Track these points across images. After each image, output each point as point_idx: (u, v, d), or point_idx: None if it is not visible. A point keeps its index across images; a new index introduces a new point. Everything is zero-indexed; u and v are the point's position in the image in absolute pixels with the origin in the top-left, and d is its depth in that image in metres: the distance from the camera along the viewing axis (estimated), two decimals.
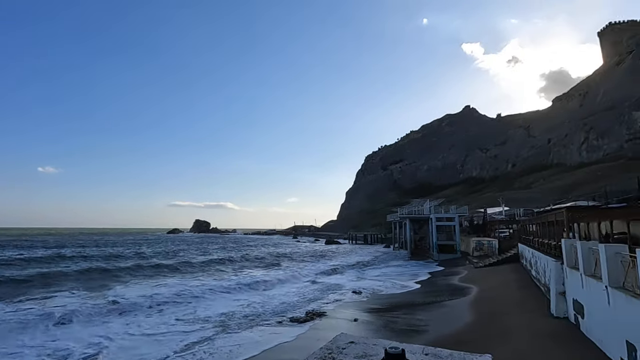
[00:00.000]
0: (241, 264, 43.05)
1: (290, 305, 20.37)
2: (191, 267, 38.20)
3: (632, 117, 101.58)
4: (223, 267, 39.40)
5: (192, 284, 26.43)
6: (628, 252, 8.21)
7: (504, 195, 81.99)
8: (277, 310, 18.99)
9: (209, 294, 23.03)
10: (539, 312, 14.08)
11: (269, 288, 26.14)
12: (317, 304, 20.40)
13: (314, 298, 22.67)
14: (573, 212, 16.64)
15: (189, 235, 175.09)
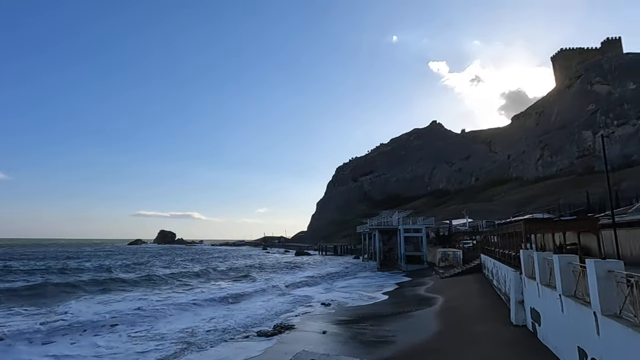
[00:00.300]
0: (206, 277, 41.66)
1: (258, 318, 19.85)
2: (152, 281, 36.31)
3: (582, 136, 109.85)
4: (187, 280, 37.87)
5: (152, 298, 25.17)
6: (579, 263, 8.74)
7: (468, 207, 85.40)
8: (243, 324, 18.43)
9: (172, 308, 21.93)
10: (500, 321, 14.59)
11: (236, 301, 25.38)
12: (285, 317, 20.03)
13: (283, 310, 22.25)
14: (530, 224, 17.55)
15: (152, 247, 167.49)
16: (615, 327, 6.09)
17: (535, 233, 19.81)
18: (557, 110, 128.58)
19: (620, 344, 5.98)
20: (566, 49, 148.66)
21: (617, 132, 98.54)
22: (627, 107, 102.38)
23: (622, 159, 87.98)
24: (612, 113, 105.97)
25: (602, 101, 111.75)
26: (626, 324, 5.85)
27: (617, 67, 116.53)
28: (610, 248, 21.47)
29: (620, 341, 5.94)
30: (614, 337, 6.21)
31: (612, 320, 6.24)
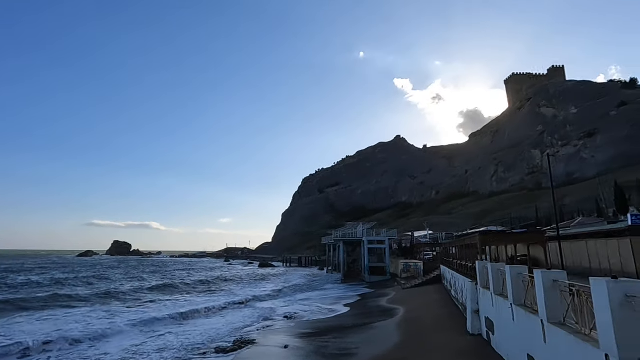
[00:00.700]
0: (161, 291, 39.47)
1: (217, 333, 19.06)
2: (100, 296, 33.75)
3: (531, 154, 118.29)
4: (140, 295, 35.66)
5: (95, 315, 23.30)
6: (528, 273, 9.25)
7: (429, 220, 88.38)
8: (201, 340, 17.60)
9: (120, 326, 20.44)
10: (458, 330, 15.05)
11: (193, 316, 24.21)
12: (246, 331, 19.42)
13: (243, 325, 21.56)
14: (485, 237, 18.42)
15: (104, 259, 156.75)
16: (560, 334, 6.47)
17: (489, 245, 20.82)
18: (510, 130, 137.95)
19: (564, 350, 6.35)
20: (517, 74, 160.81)
21: (561, 152, 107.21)
22: (570, 129, 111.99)
23: (565, 177, 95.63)
24: (557, 134, 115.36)
25: (548, 123, 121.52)
26: (569, 330, 6.23)
27: (561, 93, 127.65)
28: (556, 259, 23.05)
29: (564, 347, 6.31)
30: (558, 343, 6.59)
31: (557, 327, 6.62)
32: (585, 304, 5.71)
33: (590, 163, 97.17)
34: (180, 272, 71.54)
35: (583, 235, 25.60)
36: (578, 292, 6.03)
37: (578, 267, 24.11)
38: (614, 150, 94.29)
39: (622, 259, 21.01)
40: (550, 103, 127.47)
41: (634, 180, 51.53)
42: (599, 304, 4.96)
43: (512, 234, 21.99)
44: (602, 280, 4.86)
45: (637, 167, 74.11)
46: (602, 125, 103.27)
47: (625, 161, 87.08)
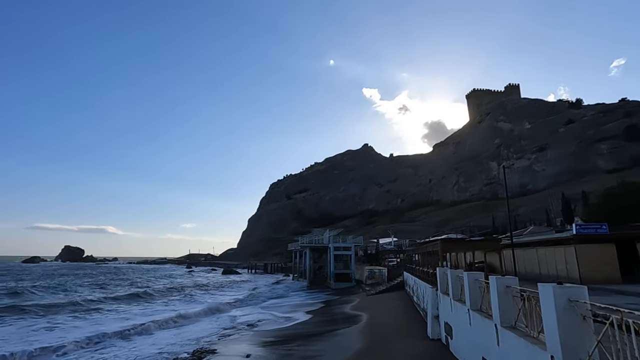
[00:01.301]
0: (113, 302, 36.83)
1: (175, 344, 18.22)
2: (38, 307, 30.30)
3: (489, 166, 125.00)
4: (90, 306, 32.84)
5: (32, 329, 21.47)
6: (484, 279, 9.67)
7: (394, 227, 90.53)
8: (156, 351, 16.73)
9: (64, 342, 18.97)
10: (419, 336, 15.41)
11: (145, 328, 22.87)
12: (206, 341, 18.73)
13: (204, 334, 20.78)
14: (446, 244, 19.11)
15: (53, 265, 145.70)
16: (511, 337, 6.79)
17: (450, 252, 21.63)
18: (470, 142, 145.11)
19: (515, 353, 6.67)
20: (478, 89, 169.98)
21: (516, 164, 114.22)
22: (524, 143, 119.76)
23: (519, 188, 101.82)
24: (512, 147, 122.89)
25: (505, 137, 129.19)
26: (519, 333, 6.56)
27: (517, 109, 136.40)
28: (510, 265, 24.37)
29: (515, 350, 6.64)
30: (510, 346, 6.91)
31: (509, 331, 6.96)
32: (534, 308, 6.04)
33: (542, 176, 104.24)
34: (137, 279, 68.00)
35: (534, 243, 27.30)
36: (528, 297, 6.37)
37: (530, 273, 25.62)
38: (562, 165, 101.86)
39: (568, 265, 22.58)
40: (507, 118, 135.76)
41: (579, 193, 55.79)
42: (545, 308, 5.26)
43: (471, 242, 22.99)
44: (549, 286, 5.16)
45: (581, 181, 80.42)
46: (552, 140, 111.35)
47: (571, 175, 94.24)
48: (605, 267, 21.12)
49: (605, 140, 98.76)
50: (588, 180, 78.81)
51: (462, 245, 22.00)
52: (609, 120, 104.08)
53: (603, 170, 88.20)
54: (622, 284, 19.87)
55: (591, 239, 22.10)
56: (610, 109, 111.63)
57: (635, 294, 15.76)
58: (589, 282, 17.51)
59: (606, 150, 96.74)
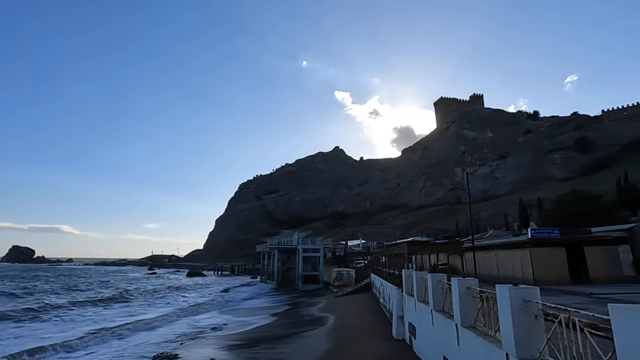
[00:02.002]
0: (68, 306, 34.64)
1: (135, 349, 17.40)
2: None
3: (454, 171, 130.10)
4: (34, 313, 29.98)
5: None
6: (446, 281, 10.03)
7: (363, 230, 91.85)
8: (110, 357, 15.90)
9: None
10: (384, 337, 15.70)
11: (101, 333, 21.74)
12: (169, 345, 18.04)
13: (166, 338, 20.02)
14: (412, 246, 19.65)
15: (1, 267, 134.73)
16: (470, 336, 7.09)
17: (415, 254, 22.26)
18: (437, 148, 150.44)
19: (473, 351, 6.96)
20: (445, 98, 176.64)
21: (479, 171, 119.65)
22: (486, 151, 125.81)
23: (481, 193, 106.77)
24: (476, 154, 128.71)
25: (469, 144, 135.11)
26: (478, 333, 6.86)
27: (480, 118, 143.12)
28: (471, 267, 25.46)
29: (474, 348, 6.93)
30: (469, 345, 7.21)
31: (468, 330, 7.25)
32: (492, 308, 6.35)
33: (502, 182, 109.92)
34: (94, 282, 64.38)
35: (493, 247, 28.68)
36: (487, 298, 6.68)
37: (489, 274, 26.87)
38: (520, 172, 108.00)
39: (523, 267, 23.91)
40: (472, 127, 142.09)
41: (534, 199, 59.37)
42: (502, 308, 5.53)
43: (435, 244, 23.78)
44: (505, 287, 5.44)
45: (536, 188, 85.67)
46: (511, 149, 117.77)
47: (528, 182, 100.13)
48: (556, 269, 22.57)
49: (559, 151, 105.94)
50: (543, 187, 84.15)
51: (427, 248, 22.72)
52: (562, 132, 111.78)
53: (556, 178, 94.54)
54: (571, 284, 21.33)
55: (544, 243, 23.55)
56: (563, 122, 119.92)
57: (581, 294, 16.96)
58: (542, 284, 18.65)
59: (559, 160, 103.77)
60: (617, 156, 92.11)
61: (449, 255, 21.55)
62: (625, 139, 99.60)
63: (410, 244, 20.54)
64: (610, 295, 15.17)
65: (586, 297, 16.08)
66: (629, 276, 22.59)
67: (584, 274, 23.02)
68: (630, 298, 14.46)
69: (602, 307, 4.95)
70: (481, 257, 28.48)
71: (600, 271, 22.79)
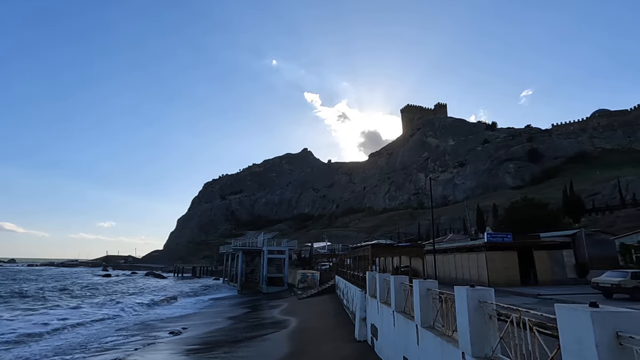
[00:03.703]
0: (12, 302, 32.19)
1: (78, 354, 16.29)
2: None
3: (418, 177, 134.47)
4: None
5: None
6: (408, 282, 10.31)
7: (328, 232, 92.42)
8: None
9: None
10: (346, 338, 15.84)
11: (47, 335, 20.26)
12: (123, 350, 17.08)
13: (120, 342, 18.95)
14: (376, 249, 20.05)
15: None
16: (429, 336, 7.32)
17: (379, 256, 22.71)
18: (402, 154, 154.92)
19: (432, 351, 7.20)
20: (411, 105, 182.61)
21: (440, 177, 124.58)
22: (448, 158, 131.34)
23: (442, 199, 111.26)
24: (438, 161, 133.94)
25: (432, 151, 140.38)
26: (437, 333, 7.10)
27: (443, 126, 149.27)
28: (431, 270, 26.39)
29: (432, 348, 7.16)
30: (428, 345, 7.44)
31: (427, 330, 7.49)
32: (450, 309, 6.60)
33: (461, 188, 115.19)
34: (39, 283, 59.64)
35: (452, 250, 29.94)
36: (445, 299, 6.93)
37: (448, 276, 28.00)
38: (477, 179, 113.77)
39: (479, 270, 25.16)
40: (435, 134, 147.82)
41: (490, 205, 62.71)
42: (460, 309, 5.76)
43: (398, 247, 24.44)
44: (463, 288, 5.67)
45: (492, 195, 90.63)
46: (470, 157, 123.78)
47: (484, 189, 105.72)
48: (509, 272, 23.99)
49: (512, 160, 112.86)
50: (497, 194, 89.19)
51: (390, 251, 23.27)
52: (516, 143, 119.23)
53: (509, 186, 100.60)
54: (521, 286, 22.74)
55: (498, 247, 24.95)
56: (517, 133, 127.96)
57: (530, 295, 18.12)
58: (495, 285, 19.72)
59: (512, 169, 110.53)
60: (563, 167, 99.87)
61: (411, 257, 22.21)
62: (570, 151, 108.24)
63: (375, 246, 20.95)
64: (556, 296, 16.35)
65: (534, 297, 17.20)
66: (571, 278, 24.49)
67: (533, 276, 24.63)
68: (573, 299, 15.66)
69: (548, 307, 5.29)
70: (441, 259, 29.62)
71: (547, 274, 24.50)
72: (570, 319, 3.38)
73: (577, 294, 17.51)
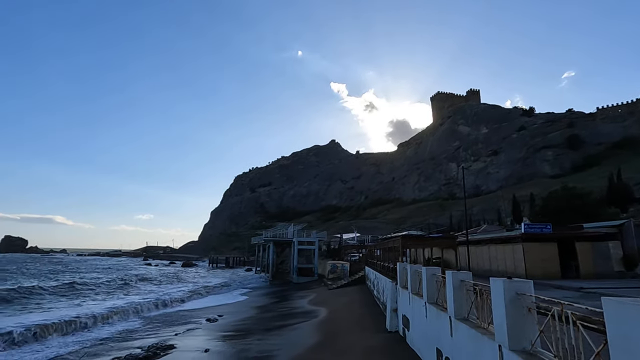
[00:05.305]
0: (63, 292, 34.73)
1: (130, 338, 17.42)
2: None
3: (448, 166, 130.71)
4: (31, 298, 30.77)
5: None
6: (441, 274, 10.15)
7: (355, 224, 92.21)
8: (107, 347, 15.91)
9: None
10: (377, 328, 15.89)
11: (99, 320, 21.76)
12: (164, 335, 18.08)
13: (161, 329, 20.07)
14: (406, 240, 19.81)
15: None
16: (464, 328, 7.20)
17: (409, 248, 22.45)
18: (431, 143, 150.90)
19: (466, 343, 7.08)
20: (441, 93, 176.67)
21: (472, 166, 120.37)
22: (480, 147, 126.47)
23: (474, 189, 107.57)
24: (470, 150, 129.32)
25: (463, 139, 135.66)
26: (471, 325, 6.96)
27: (476, 114, 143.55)
28: (464, 261, 25.75)
29: (467, 340, 7.04)
30: (462, 337, 7.32)
31: (462, 322, 7.36)
32: (485, 301, 6.44)
33: (494, 178, 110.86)
34: (89, 272, 64.02)
35: (486, 241, 29.02)
36: (480, 291, 6.78)
37: (481, 268, 27.22)
38: (512, 168, 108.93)
39: (515, 262, 24.25)
40: (467, 122, 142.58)
41: (526, 195, 59.95)
42: (496, 301, 5.62)
43: (429, 239, 24.01)
44: (500, 280, 5.51)
45: (528, 184, 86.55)
46: (505, 145, 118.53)
47: (518, 178, 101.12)
48: (548, 264, 22.95)
49: (550, 148, 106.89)
50: (533, 183, 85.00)
51: (421, 242, 22.92)
52: (555, 129, 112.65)
53: (548, 175, 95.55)
54: (561, 279, 21.72)
55: (537, 238, 23.89)
56: (557, 118, 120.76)
57: (571, 288, 17.28)
58: (533, 278, 18.95)
59: (551, 156, 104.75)
60: (607, 154, 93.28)
61: (442, 249, 21.77)
62: (616, 136, 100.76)
63: (405, 237, 20.72)
64: (600, 290, 15.48)
65: (576, 291, 16.40)
66: (618, 272, 23.06)
67: (574, 269, 23.44)
68: (620, 293, 14.79)
69: (592, 301, 5.04)
70: (474, 251, 28.81)
71: (590, 266, 23.22)
72: (618, 314, 3.21)
73: (624, 288, 16.50)
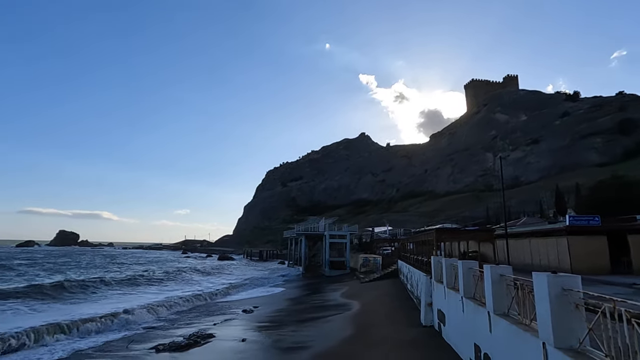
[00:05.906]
0: (109, 286, 36.80)
1: (171, 327, 18.39)
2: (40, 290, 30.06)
3: (485, 157, 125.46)
4: (88, 289, 33.15)
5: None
6: (478, 268, 9.83)
7: (387, 217, 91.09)
8: (153, 334, 16.89)
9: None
10: (411, 322, 15.70)
11: (137, 311, 23.01)
12: (204, 325, 18.93)
13: (201, 318, 21.02)
14: (440, 233, 19.32)
15: (47, 250, 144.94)
16: (503, 324, 6.95)
17: (444, 241, 21.83)
18: (465, 133, 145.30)
19: (506, 339, 6.84)
20: (476, 80, 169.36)
21: (511, 156, 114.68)
22: (519, 135, 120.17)
23: (513, 180, 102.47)
24: (508, 139, 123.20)
25: (500, 128, 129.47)
26: (511, 321, 6.71)
27: (514, 101, 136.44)
28: (502, 255, 24.74)
29: (507, 336, 6.80)
30: (502, 333, 7.08)
31: (501, 318, 7.11)
32: (527, 297, 6.18)
33: (534, 168, 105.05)
34: (134, 265, 68.08)
35: (526, 234, 27.70)
36: (521, 286, 6.50)
37: (521, 263, 26.06)
38: (554, 157, 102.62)
39: (559, 256, 22.99)
40: (504, 110, 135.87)
41: (571, 186, 56.35)
42: (539, 297, 5.37)
43: (465, 232, 23.26)
44: (543, 275, 5.26)
45: (572, 174, 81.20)
46: (546, 133, 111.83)
47: (561, 168, 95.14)
48: (596, 258, 21.54)
49: (599, 134, 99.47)
50: (578, 173, 79.60)
51: (456, 235, 22.27)
52: (604, 114, 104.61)
53: (595, 163, 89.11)
54: (611, 275, 20.32)
55: (583, 231, 22.46)
56: (606, 102, 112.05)
57: (624, 284, 16.14)
58: (579, 273, 17.87)
59: (600, 143, 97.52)
60: None
61: (479, 242, 21.03)
62: None
63: (439, 230, 20.21)
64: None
65: (628, 287, 15.31)
66: None
67: (626, 264, 21.84)
68: None
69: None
70: (513, 245, 27.59)
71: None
72: None
73: None
